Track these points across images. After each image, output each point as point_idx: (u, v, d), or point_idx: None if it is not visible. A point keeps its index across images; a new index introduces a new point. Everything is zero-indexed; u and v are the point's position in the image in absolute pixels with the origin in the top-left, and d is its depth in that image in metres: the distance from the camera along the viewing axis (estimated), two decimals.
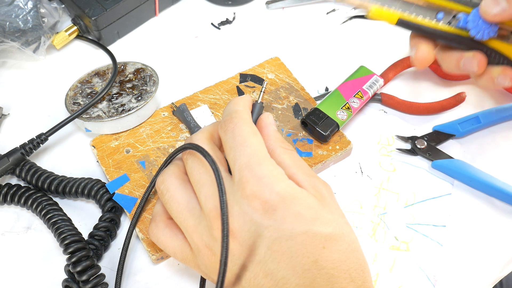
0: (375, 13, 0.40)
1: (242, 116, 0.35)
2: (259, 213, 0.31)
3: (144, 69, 0.50)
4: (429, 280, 0.42)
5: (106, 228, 0.42)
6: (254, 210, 0.31)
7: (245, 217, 0.31)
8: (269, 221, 0.31)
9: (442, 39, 0.41)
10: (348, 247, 0.32)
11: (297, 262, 0.30)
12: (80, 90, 0.49)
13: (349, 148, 0.48)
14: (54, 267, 0.42)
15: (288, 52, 0.57)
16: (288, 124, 0.49)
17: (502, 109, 0.51)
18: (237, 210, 0.31)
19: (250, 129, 0.34)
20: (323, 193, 0.33)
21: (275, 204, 0.31)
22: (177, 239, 0.35)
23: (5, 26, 0.49)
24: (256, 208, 0.31)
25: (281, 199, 0.31)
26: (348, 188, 0.47)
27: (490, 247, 0.44)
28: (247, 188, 0.31)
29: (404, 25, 0.41)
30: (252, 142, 0.33)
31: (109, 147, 0.46)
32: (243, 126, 0.34)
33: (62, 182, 0.44)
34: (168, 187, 0.35)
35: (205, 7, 0.61)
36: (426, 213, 0.46)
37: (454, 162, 0.48)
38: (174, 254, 0.35)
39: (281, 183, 0.32)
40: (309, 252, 0.30)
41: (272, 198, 0.31)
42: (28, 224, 0.44)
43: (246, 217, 0.31)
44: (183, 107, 0.48)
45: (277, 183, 0.32)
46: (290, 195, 0.31)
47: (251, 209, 0.31)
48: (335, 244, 0.31)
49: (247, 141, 0.33)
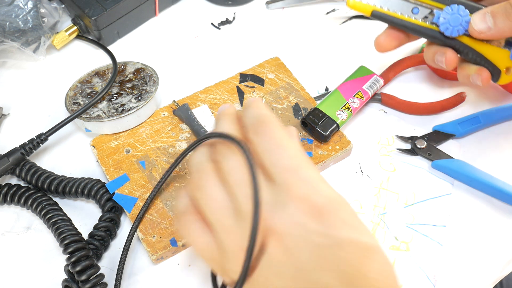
0: (352, 4, 0.44)
1: (273, 119, 0.33)
2: (307, 217, 0.29)
3: (144, 69, 0.50)
4: (429, 280, 0.42)
5: (106, 228, 0.42)
6: (302, 213, 0.29)
7: (292, 219, 0.29)
8: (317, 226, 0.29)
9: (414, 32, 0.44)
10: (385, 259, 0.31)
11: (344, 271, 0.29)
12: (80, 90, 0.49)
13: (349, 148, 0.48)
14: (54, 267, 0.42)
15: (288, 52, 0.57)
16: (288, 124, 0.49)
17: (502, 109, 0.51)
18: (283, 212, 0.29)
19: (285, 132, 0.32)
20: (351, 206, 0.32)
21: (323, 208, 0.29)
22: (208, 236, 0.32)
23: (5, 26, 0.49)
24: (304, 211, 0.29)
25: (329, 203, 0.29)
26: (348, 188, 0.47)
27: (490, 247, 0.44)
28: (293, 191, 0.29)
29: (378, 17, 0.44)
30: (291, 145, 0.31)
31: (109, 147, 0.46)
32: (277, 129, 0.32)
33: (62, 182, 0.44)
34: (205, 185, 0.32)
35: (205, 7, 0.61)
36: (426, 213, 0.46)
37: (454, 162, 0.48)
38: (201, 251, 0.32)
39: (326, 188, 0.30)
40: (354, 261, 0.29)
41: (321, 201, 0.29)
42: (28, 224, 0.44)
43: (293, 220, 0.29)
44: (186, 107, 0.48)
45: (322, 186, 0.30)
46: (336, 200, 0.30)
47: (298, 211, 0.29)
48: (375, 254, 0.30)
49: (286, 144, 0.31)
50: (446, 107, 0.52)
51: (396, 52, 0.56)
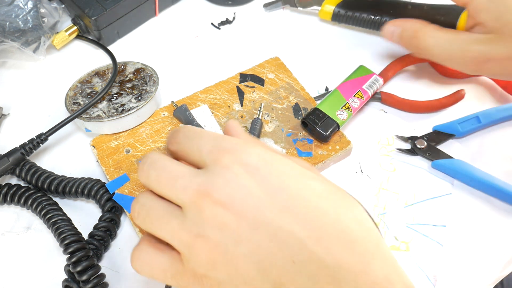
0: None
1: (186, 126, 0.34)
2: (244, 176, 0.29)
3: (144, 69, 0.50)
4: (429, 280, 0.42)
5: (106, 228, 0.42)
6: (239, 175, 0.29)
7: (232, 184, 0.29)
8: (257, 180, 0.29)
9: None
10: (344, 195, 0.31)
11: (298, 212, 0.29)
12: (80, 90, 0.49)
13: (349, 148, 0.48)
14: (54, 267, 0.42)
15: (288, 52, 0.57)
16: (288, 124, 0.49)
17: (502, 109, 0.51)
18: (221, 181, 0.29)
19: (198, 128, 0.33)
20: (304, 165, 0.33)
21: (256, 164, 0.30)
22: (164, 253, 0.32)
23: (5, 26, 0.49)
24: (240, 173, 0.29)
25: (260, 158, 0.30)
26: (348, 188, 0.47)
27: (490, 247, 0.44)
28: (224, 160, 0.30)
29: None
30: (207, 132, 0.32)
31: (109, 147, 0.46)
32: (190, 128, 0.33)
33: (62, 182, 0.44)
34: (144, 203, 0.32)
35: (205, 7, 0.61)
36: (426, 213, 0.46)
37: (454, 162, 0.48)
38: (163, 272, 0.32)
39: (253, 148, 0.31)
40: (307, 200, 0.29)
41: (252, 159, 0.30)
42: (28, 224, 0.44)
43: (233, 184, 0.29)
44: (184, 107, 0.48)
45: (250, 148, 0.31)
46: (267, 156, 0.31)
47: (235, 175, 0.29)
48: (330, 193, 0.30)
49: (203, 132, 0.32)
50: (445, 105, 0.52)
51: (395, 50, 0.57)
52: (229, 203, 0.29)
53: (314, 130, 0.47)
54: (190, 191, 0.30)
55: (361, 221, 0.30)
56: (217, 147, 0.31)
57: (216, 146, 0.31)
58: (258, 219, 0.29)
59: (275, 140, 0.48)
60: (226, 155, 0.30)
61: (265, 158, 0.30)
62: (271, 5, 0.61)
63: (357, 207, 0.31)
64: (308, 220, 0.29)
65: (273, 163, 0.30)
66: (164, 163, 0.32)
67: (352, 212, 0.30)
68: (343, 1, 0.57)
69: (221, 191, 0.29)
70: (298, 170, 0.31)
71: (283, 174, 0.30)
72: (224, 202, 0.29)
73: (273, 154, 0.31)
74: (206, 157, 0.31)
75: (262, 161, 0.30)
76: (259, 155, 0.30)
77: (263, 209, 0.29)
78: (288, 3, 0.61)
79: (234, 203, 0.29)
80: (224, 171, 0.30)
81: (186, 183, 0.30)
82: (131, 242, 0.43)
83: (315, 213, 0.29)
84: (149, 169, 0.32)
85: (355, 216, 0.30)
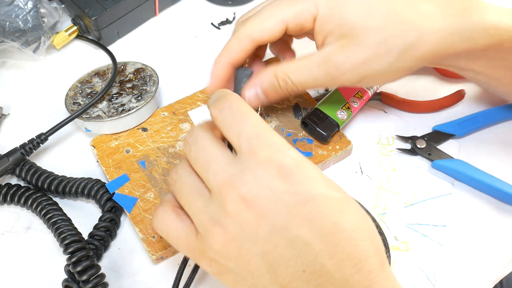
0: None
1: (235, 95, 0.34)
2: (275, 178, 0.30)
3: (144, 69, 0.50)
4: (429, 280, 0.42)
5: (106, 228, 0.42)
6: (270, 175, 0.30)
7: (261, 183, 0.30)
8: (287, 185, 0.30)
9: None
10: (360, 211, 0.31)
11: (319, 226, 0.29)
12: (80, 90, 0.49)
13: (349, 148, 0.48)
14: (54, 267, 0.42)
15: None
16: (288, 124, 0.49)
17: (502, 109, 0.51)
18: (251, 178, 0.30)
19: (247, 106, 0.33)
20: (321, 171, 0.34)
21: (290, 168, 0.30)
22: (183, 222, 0.33)
23: (5, 26, 0.49)
24: (272, 173, 0.30)
25: (295, 163, 0.30)
26: (348, 188, 0.47)
27: (490, 247, 0.44)
28: (259, 155, 0.30)
29: None
30: (253, 116, 0.32)
31: (109, 147, 0.46)
32: (240, 103, 0.33)
33: (62, 182, 0.44)
34: (180, 174, 0.34)
35: (205, 7, 0.61)
36: (426, 213, 0.46)
37: (454, 162, 0.48)
38: (177, 240, 0.33)
39: (291, 150, 0.31)
40: (329, 215, 0.30)
41: (287, 161, 0.30)
42: (28, 224, 0.44)
43: (262, 184, 0.30)
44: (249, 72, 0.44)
45: (288, 149, 0.31)
46: (302, 160, 0.31)
47: (266, 175, 0.30)
48: (349, 207, 0.31)
49: (248, 115, 0.32)
50: (445, 105, 0.52)
51: None
52: (253, 201, 0.30)
53: (314, 130, 0.47)
54: (220, 180, 0.30)
55: (373, 240, 0.31)
56: (257, 137, 0.31)
57: (257, 136, 0.31)
58: (278, 224, 0.30)
59: None
60: (263, 150, 0.30)
61: (300, 163, 0.31)
62: None
63: (370, 223, 0.32)
64: (326, 235, 0.29)
65: (306, 169, 0.31)
66: (204, 143, 0.33)
67: (367, 229, 0.31)
68: None
69: (248, 187, 0.30)
70: (323, 177, 0.31)
71: (313, 183, 0.30)
72: (249, 200, 0.30)
73: (305, 159, 0.31)
74: (243, 144, 0.31)
75: (296, 166, 0.30)
76: (294, 158, 0.31)
77: (285, 215, 0.29)
78: None
79: (258, 203, 0.30)
80: (256, 168, 0.30)
81: (218, 170, 0.31)
82: (131, 242, 0.43)
83: (334, 229, 0.30)
84: (191, 145, 0.33)
85: (369, 233, 0.31)
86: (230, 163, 0.31)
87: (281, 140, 0.31)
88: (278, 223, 0.29)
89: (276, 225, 0.29)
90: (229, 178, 0.30)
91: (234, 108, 0.33)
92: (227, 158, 0.31)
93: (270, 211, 0.29)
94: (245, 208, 0.30)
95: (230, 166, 0.31)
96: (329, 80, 0.41)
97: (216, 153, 0.32)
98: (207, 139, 0.33)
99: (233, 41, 0.43)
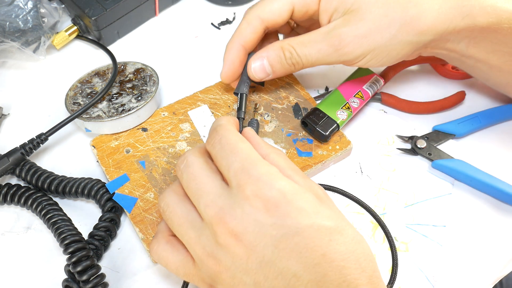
0: None
1: (226, 127, 0.35)
2: (262, 212, 0.31)
3: (144, 69, 0.50)
4: (429, 280, 0.42)
5: (106, 228, 0.42)
6: (257, 210, 0.31)
7: (248, 218, 0.31)
8: (273, 219, 0.31)
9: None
10: (353, 238, 0.32)
11: (307, 257, 0.30)
12: (80, 90, 0.49)
13: (349, 148, 0.48)
14: (54, 267, 0.42)
15: None
16: (288, 124, 0.49)
17: (502, 109, 0.51)
18: (239, 212, 0.31)
19: (237, 137, 0.34)
20: (319, 193, 0.34)
21: (277, 201, 0.31)
22: (179, 253, 0.34)
23: (5, 26, 0.49)
24: (259, 208, 0.31)
25: (282, 195, 0.31)
26: (348, 188, 0.47)
27: (490, 247, 0.44)
28: (246, 190, 0.31)
29: None
30: (242, 148, 0.33)
31: (109, 147, 0.46)
32: (229, 136, 0.34)
33: (62, 182, 0.44)
34: (168, 203, 0.35)
35: (205, 7, 0.61)
36: (426, 213, 0.46)
37: (454, 162, 0.48)
38: (176, 269, 0.35)
39: (279, 181, 0.32)
40: (317, 246, 0.30)
41: (273, 195, 0.31)
42: (28, 224, 0.44)
43: (249, 218, 0.31)
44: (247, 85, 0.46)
45: (276, 180, 0.32)
46: (290, 191, 0.31)
47: (253, 209, 0.31)
48: (340, 236, 0.31)
49: (237, 148, 0.33)
50: (446, 106, 0.52)
51: None
52: (242, 235, 0.31)
53: (314, 130, 0.47)
54: (210, 213, 0.32)
55: (365, 268, 0.31)
56: (244, 172, 0.32)
57: (243, 171, 0.32)
58: (267, 256, 0.31)
59: (275, 140, 0.48)
60: (249, 185, 0.31)
61: (287, 195, 0.31)
62: None
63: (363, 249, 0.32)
64: (314, 266, 0.30)
65: (294, 200, 0.31)
66: (195, 171, 0.34)
67: (359, 257, 0.31)
68: None
69: (237, 222, 0.31)
70: (314, 206, 0.32)
71: (300, 214, 0.31)
72: (237, 234, 0.31)
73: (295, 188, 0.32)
74: (232, 177, 0.32)
75: (283, 198, 0.31)
76: (281, 190, 0.31)
77: (273, 248, 0.30)
78: None
79: (247, 237, 0.31)
80: (244, 202, 0.31)
81: (209, 203, 0.32)
82: (131, 242, 0.43)
83: (322, 260, 0.30)
84: (183, 171, 0.35)
85: (360, 262, 0.31)
86: (220, 194, 0.32)
87: (269, 171, 0.32)
88: (267, 255, 0.30)
89: (265, 258, 0.30)
90: (219, 211, 0.31)
91: (223, 141, 0.34)
92: (217, 189, 0.33)
93: (259, 244, 0.31)
94: (235, 241, 0.31)
95: (220, 198, 0.32)
96: (332, 52, 0.42)
97: (206, 183, 0.33)
98: (197, 167, 0.34)
99: (243, 24, 0.44)
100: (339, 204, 0.46)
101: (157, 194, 0.44)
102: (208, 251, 0.32)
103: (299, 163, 0.46)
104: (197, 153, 0.35)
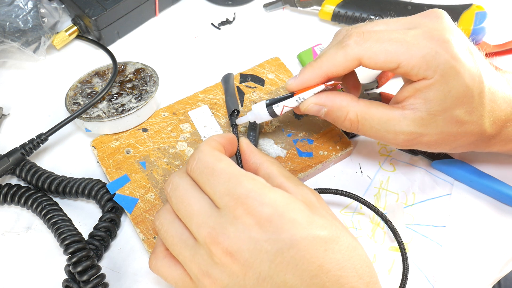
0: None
1: (201, 149, 0.34)
2: (255, 229, 0.31)
3: (144, 69, 0.50)
4: (428, 281, 0.43)
5: (106, 228, 0.42)
6: (250, 227, 0.31)
7: (242, 236, 0.31)
8: (267, 234, 0.30)
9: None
10: (349, 245, 0.32)
11: (304, 270, 0.30)
12: (80, 90, 0.49)
13: (349, 148, 0.48)
14: (54, 267, 0.42)
15: (288, 52, 0.57)
16: (288, 124, 0.49)
17: None
18: (232, 231, 0.31)
19: (213, 157, 0.34)
20: (312, 200, 0.33)
21: (269, 216, 0.31)
22: (176, 268, 0.35)
23: (5, 26, 0.49)
24: (251, 225, 0.31)
25: (273, 209, 0.31)
26: (348, 188, 0.47)
27: (489, 247, 0.45)
28: (236, 210, 0.31)
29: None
30: (221, 168, 0.33)
31: (109, 148, 0.46)
32: (205, 158, 0.34)
33: (62, 182, 0.44)
34: (163, 223, 0.35)
35: (205, 7, 0.61)
36: (426, 214, 0.46)
37: (454, 162, 0.48)
38: (175, 284, 0.35)
39: (269, 194, 0.31)
40: (313, 257, 0.30)
41: (265, 210, 0.31)
42: (28, 224, 0.44)
43: (243, 236, 0.31)
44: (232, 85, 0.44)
45: (265, 194, 0.31)
46: (281, 203, 0.31)
47: (246, 227, 0.31)
48: (336, 245, 0.31)
49: (215, 169, 0.33)
50: None
51: None
52: (237, 254, 0.31)
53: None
54: (202, 233, 0.32)
55: (362, 275, 0.31)
56: (230, 194, 0.32)
57: (229, 193, 0.32)
58: (264, 272, 0.31)
59: (275, 141, 0.48)
60: (239, 205, 0.31)
61: (278, 208, 0.31)
62: (271, 5, 0.61)
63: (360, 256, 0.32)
64: (311, 277, 0.30)
65: (286, 213, 0.31)
66: (182, 193, 0.34)
67: (356, 264, 0.31)
68: (343, 1, 0.57)
69: (231, 241, 0.31)
70: (307, 216, 0.32)
71: (294, 227, 0.31)
72: (233, 252, 0.31)
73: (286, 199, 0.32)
74: (219, 200, 0.32)
75: (275, 212, 0.31)
76: (272, 204, 0.31)
77: (270, 263, 0.30)
78: (288, 3, 0.61)
79: (242, 254, 0.31)
80: (236, 221, 0.31)
81: (199, 224, 0.32)
82: (131, 243, 0.43)
83: (319, 271, 0.30)
84: (170, 194, 0.35)
85: (357, 269, 0.31)
86: (210, 214, 0.32)
87: (255, 185, 0.32)
88: (264, 271, 0.30)
89: (262, 273, 0.31)
90: (211, 231, 0.31)
91: (201, 165, 0.33)
92: (206, 209, 0.32)
93: (255, 261, 0.31)
94: (230, 260, 0.31)
95: (210, 218, 0.32)
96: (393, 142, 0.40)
97: (194, 204, 0.33)
98: (183, 189, 0.34)
99: (340, 56, 0.38)
100: (335, 208, 0.46)
101: (158, 194, 0.44)
102: (204, 270, 0.32)
103: (300, 163, 0.46)
104: (182, 174, 0.35)
